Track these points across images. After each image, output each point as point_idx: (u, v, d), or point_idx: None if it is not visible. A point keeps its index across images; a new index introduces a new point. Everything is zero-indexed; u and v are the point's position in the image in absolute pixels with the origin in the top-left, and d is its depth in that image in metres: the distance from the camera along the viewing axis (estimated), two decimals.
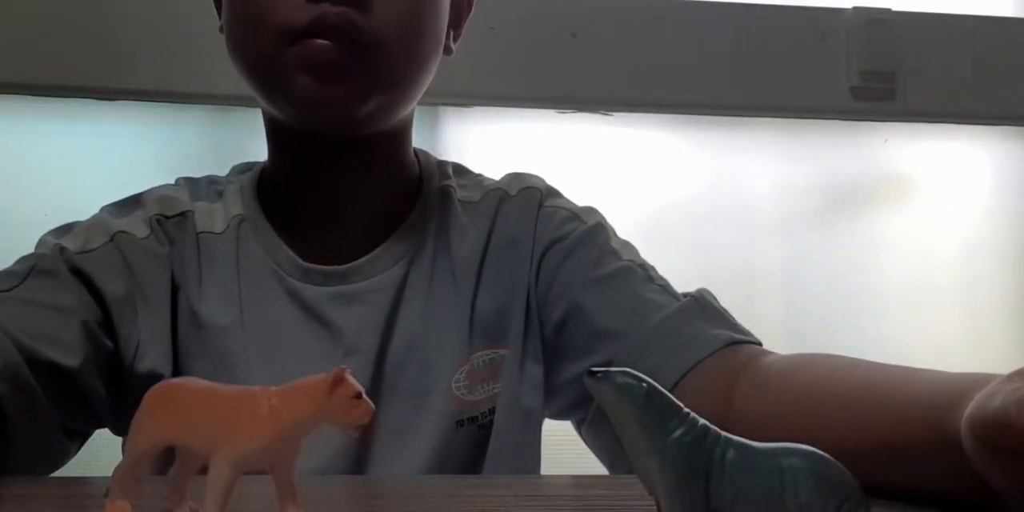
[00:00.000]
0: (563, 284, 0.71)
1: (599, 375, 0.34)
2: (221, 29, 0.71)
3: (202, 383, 0.37)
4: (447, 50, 0.73)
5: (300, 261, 0.70)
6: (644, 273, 0.70)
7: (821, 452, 0.34)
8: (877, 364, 0.55)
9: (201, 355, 0.67)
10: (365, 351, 0.68)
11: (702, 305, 0.67)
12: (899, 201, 1.37)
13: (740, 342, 0.65)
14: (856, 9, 1.30)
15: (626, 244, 0.74)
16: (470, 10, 0.77)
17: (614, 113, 1.28)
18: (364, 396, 0.34)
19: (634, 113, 1.29)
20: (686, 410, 0.34)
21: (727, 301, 0.70)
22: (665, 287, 0.70)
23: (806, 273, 1.33)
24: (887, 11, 1.31)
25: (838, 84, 1.30)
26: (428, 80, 0.71)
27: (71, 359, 0.62)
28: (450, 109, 1.24)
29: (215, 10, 0.73)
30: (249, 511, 0.33)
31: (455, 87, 1.14)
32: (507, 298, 0.71)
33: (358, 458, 0.66)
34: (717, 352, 0.64)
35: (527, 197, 0.74)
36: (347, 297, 0.69)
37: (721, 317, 0.67)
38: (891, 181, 1.38)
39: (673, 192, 1.31)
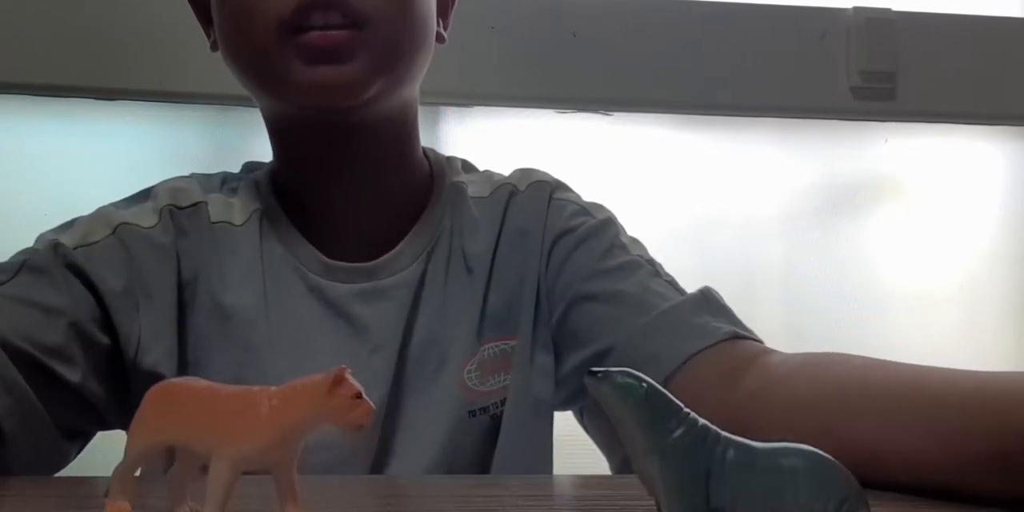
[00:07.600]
0: (570, 275, 0.71)
1: (599, 375, 0.34)
2: (213, 47, 0.71)
3: (202, 383, 0.37)
4: (439, 38, 0.73)
5: (324, 258, 0.69)
6: (652, 268, 0.71)
7: (821, 452, 0.34)
8: (907, 364, 0.54)
9: (226, 349, 0.67)
10: (389, 347, 0.68)
11: (708, 299, 0.68)
12: (899, 201, 1.37)
13: (743, 337, 0.65)
14: (856, 9, 1.30)
15: (635, 240, 0.74)
16: (455, 2, 0.77)
17: (614, 113, 1.28)
18: (364, 396, 0.34)
19: (634, 113, 1.29)
20: (686, 410, 0.34)
21: (727, 300, 0.70)
22: (672, 283, 0.70)
23: (806, 273, 1.33)
24: (887, 11, 1.31)
25: (838, 84, 1.30)
26: (426, 60, 0.70)
27: (66, 368, 0.61)
28: (450, 109, 1.24)
29: (203, 32, 0.73)
30: (249, 511, 0.33)
31: (455, 87, 1.15)
32: (517, 289, 0.71)
33: (378, 452, 0.66)
34: (721, 343, 0.64)
35: (537, 190, 0.75)
36: (373, 294, 0.69)
37: (726, 312, 0.68)
38: (891, 181, 1.38)
39: (673, 192, 1.31)
